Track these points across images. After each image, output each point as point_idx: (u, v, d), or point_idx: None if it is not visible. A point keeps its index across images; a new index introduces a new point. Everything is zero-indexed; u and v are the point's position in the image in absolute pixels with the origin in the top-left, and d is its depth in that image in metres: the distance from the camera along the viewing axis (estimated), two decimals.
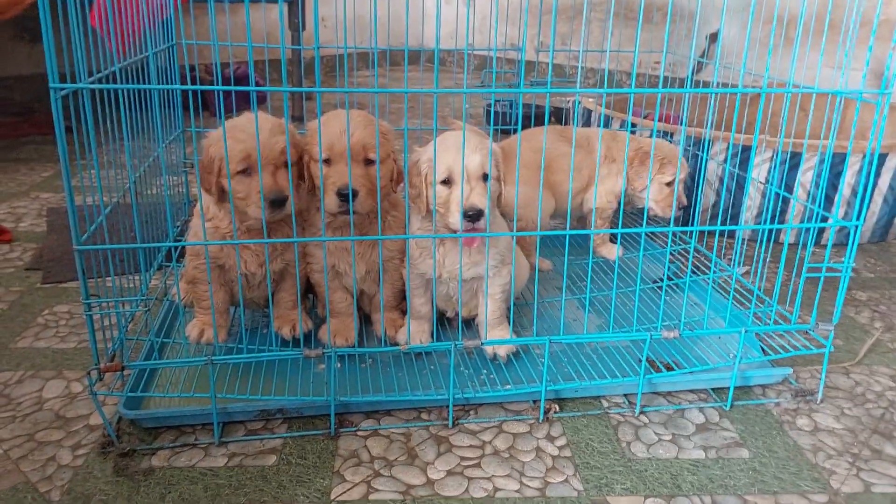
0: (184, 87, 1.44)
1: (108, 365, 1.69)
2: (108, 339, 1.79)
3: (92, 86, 1.42)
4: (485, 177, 1.86)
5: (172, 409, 1.84)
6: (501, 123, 4.62)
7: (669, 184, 2.74)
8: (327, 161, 1.87)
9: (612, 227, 2.86)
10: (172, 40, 2.36)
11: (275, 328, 2.08)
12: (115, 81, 1.78)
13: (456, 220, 1.84)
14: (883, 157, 3.07)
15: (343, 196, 1.80)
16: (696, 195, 3.28)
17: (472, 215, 1.80)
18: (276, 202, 1.78)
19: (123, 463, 1.70)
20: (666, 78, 4.54)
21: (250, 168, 1.79)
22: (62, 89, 1.40)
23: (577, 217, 3.05)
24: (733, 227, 1.85)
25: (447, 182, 1.87)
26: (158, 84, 2.22)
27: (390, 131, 1.99)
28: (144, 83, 2.15)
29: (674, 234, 3.01)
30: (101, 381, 1.74)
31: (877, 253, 3.21)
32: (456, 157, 1.84)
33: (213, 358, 1.73)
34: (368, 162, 1.89)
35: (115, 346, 1.78)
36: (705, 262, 2.80)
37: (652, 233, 3.13)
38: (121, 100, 1.65)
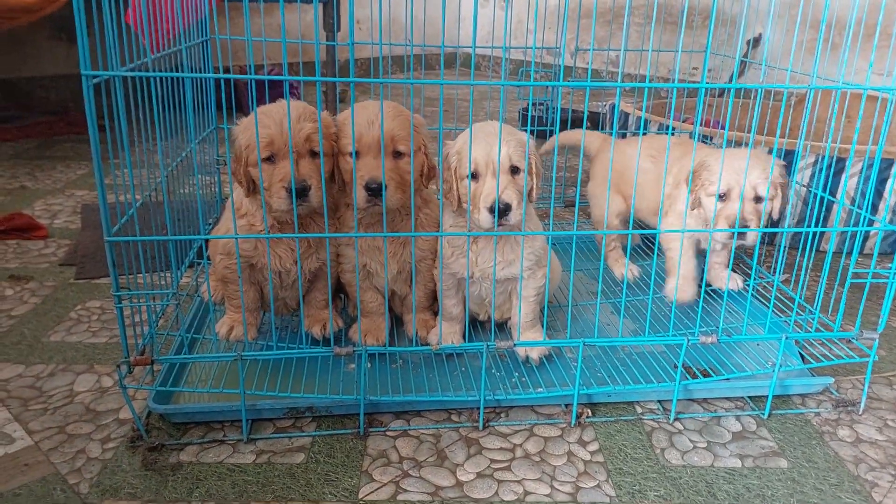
0: (216, 75, 1.43)
1: (138, 358, 1.69)
2: (139, 334, 1.79)
3: (124, 73, 1.42)
4: (514, 170, 1.82)
5: (202, 405, 1.83)
6: (537, 126, 4.58)
7: (722, 197, 2.17)
8: (356, 154, 1.83)
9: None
10: (207, 35, 2.36)
11: (305, 327, 2.06)
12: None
13: (482, 215, 1.79)
14: None
15: (371, 190, 1.75)
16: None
17: (500, 210, 1.76)
18: (298, 192, 1.71)
19: (152, 457, 1.70)
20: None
21: (274, 155, 1.74)
22: (95, 77, 1.40)
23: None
24: (774, 230, 1.79)
25: (476, 176, 1.82)
26: (190, 81, 2.22)
27: (422, 124, 1.93)
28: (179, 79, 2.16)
29: None
30: (130, 375, 1.75)
31: None
32: (482, 149, 1.78)
33: (243, 354, 1.73)
34: (398, 154, 1.84)
35: (145, 341, 1.78)
36: (746, 269, 2.73)
37: None
38: (153, 92, 1.64)
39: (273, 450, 1.74)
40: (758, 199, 2.11)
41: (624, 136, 3.88)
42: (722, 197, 2.12)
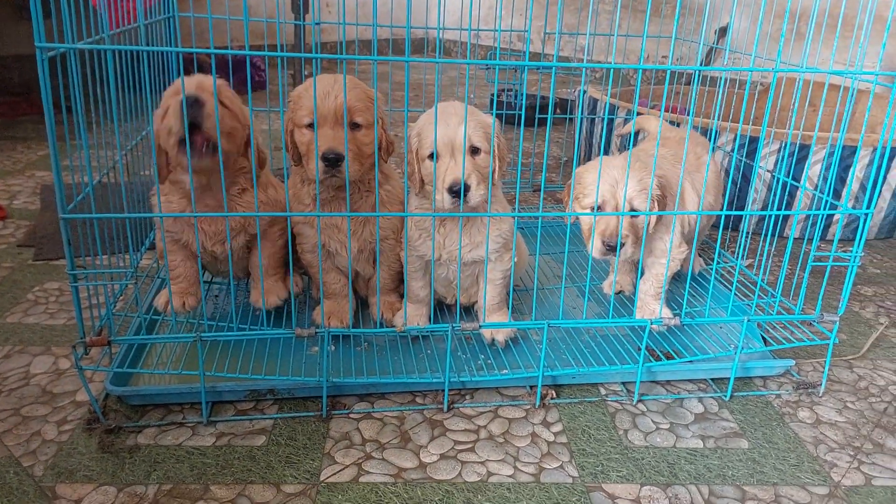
0: (176, 49, 1.39)
1: (93, 339, 1.65)
2: (97, 316, 1.75)
3: (80, 46, 1.37)
4: (475, 150, 1.80)
5: (160, 387, 1.80)
6: (506, 111, 4.57)
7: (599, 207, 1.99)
8: (311, 126, 1.78)
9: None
10: (171, 12, 2.31)
11: (251, 300, 2.03)
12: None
13: (443, 196, 1.77)
14: (893, 152, 3.02)
15: (329, 161, 1.71)
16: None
17: (457, 190, 1.74)
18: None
19: (109, 440, 1.66)
20: (673, 72, 4.50)
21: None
22: (50, 50, 1.36)
23: None
24: (739, 213, 1.80)
25: (436, 157, 1.80)
26: (152, 59, 2.17)
27: (379, 98, 1.90)
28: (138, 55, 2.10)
29: None
30: (87, 357, 1.71)
31: (883, 249, 3.16)
32: (442, 129, 1.76)
33: (203, 335, 1.69)
34: (355, 126, 1.81)
35: (102, 322, 1.74)
36: (710, 253, 2.76)
37: None
38: (109, 69, 1.59)
39: (234, 432, 1.72)
40: (636, 213, 1.94)
41: (592, 121, 3.89)
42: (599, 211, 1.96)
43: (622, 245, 1.91)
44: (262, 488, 1.54)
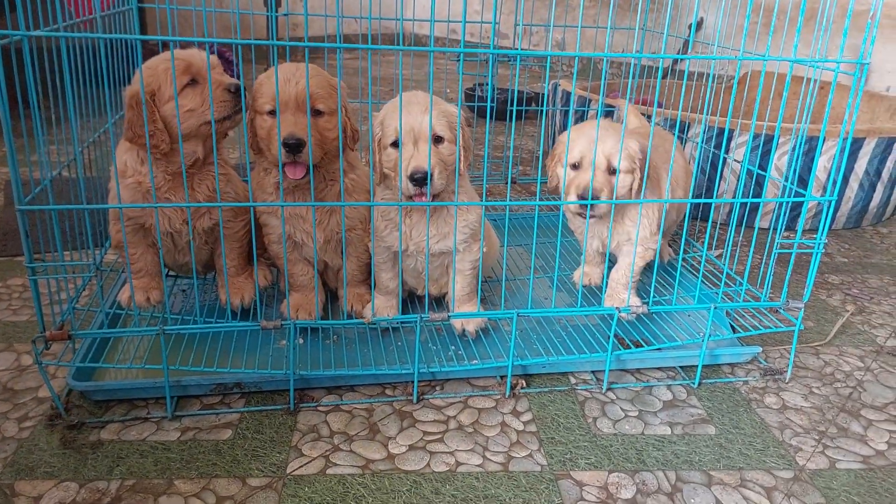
0: (133, 36, 1.36)
1: (54, 333, 1.62)
2: (58, 311, 1.72)
3: (33, 33, 1.34)
4: (437, 139, 1.80)
5: (124, 382, 1.77)
6: (478, 104, 4.56)
7: (575, 167, 2.06)
8: (272, 113, 1.76)
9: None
10: (132, 3, 2.27)
11: (223, 300, 2.01)
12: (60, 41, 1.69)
13: (404, 184, 1.76)
14: (860, 143, 3.06)
15: (289, 146, 1.70)
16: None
17: (419, 178, 1.73)
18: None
19: (71, 435, 1.64)
20: (644, 66, 4.52)
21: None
22: (3, 38, 1.33)
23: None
24: (708, 201, 1.81)
25: (398, 145, 1.79)
26: (110, 50, 2.13)
27: (343, 88, 1.88)
28: (96, 48, 2.06)
29: None
30: (49, 352, 1.68)
31: (851, 238, 3.20)
32: (405, 118, 1.75)
33: (166, 329, 1.67)
34: (317, 113, 1.80)
35: (63, 316, 1.71)
36: (679, 244, 2.77)
37: None
38: (64, 59, 1.56)
39: (199, 426, 1.70)
40: (611, 172, 2.00)
41: (566, 113, 3.89)
42: (575, 167, 2.03)
43: (597, 199, 1.93)
44: (227, 482, 1.52)
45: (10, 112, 1.40)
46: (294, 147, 1.68)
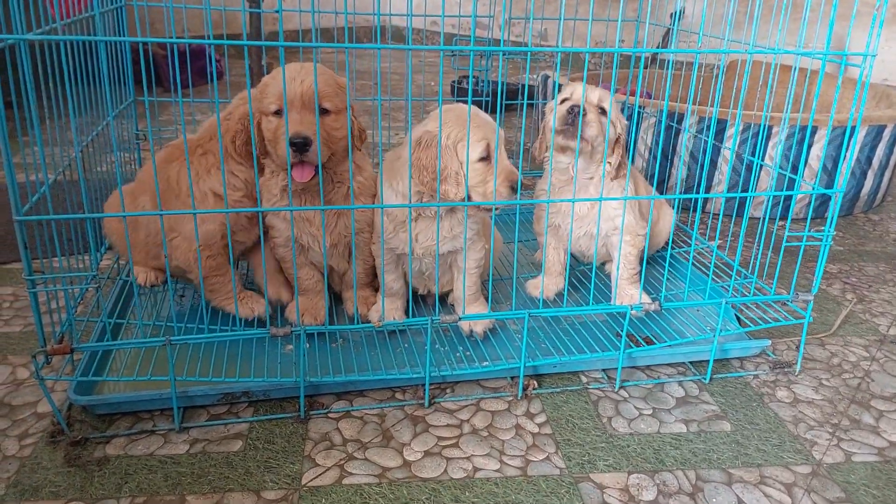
0: (133, 38, 1.31)
1: (55, 347, 1.56)
2: (56, 321, 1.66)
3: (30, 36, 1.28)
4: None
5: (128, 394, 1.72)
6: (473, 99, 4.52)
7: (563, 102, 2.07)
8: (278, 113, 1.72)
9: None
10: (121, 1, 2.20)
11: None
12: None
13: (502, 190, 1.75)
14: (852, 132, 3.07)
15: (296, 145, 1.65)
16: (668, 168, 3.25)
17: (298, 143, 1.66)
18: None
19: (75, 452, 1.58)
20: (628, 57, 4.51)
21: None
22: None
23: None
24: (712, 196, 1.79)
25: (487, 158, 1.78)
26: (106, 49, 2.06)
27: (346, 85, 1.84)
28: (92, 47, 2.00)
29: None
30: (48, 366, 1.62)
31: (844, 226, 3.21)
32: (482, 132, 1.78)
33: (172, 339, 1.62)
34: (324, 112, 1.75)
35: (63, 328, 1.65)
36: (683, 237, 2.76)
37: None
38: (63, 62, 1.50)
39: (208, 438, 1.65)
40: (602, 112, 2.04)
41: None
42: (564, 101, 2.04)
43: (587, 124, 1.95)
44: (241, 496, 1.48)
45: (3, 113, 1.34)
46: (301, 146, 1.63)
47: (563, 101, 2.05)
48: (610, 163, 2.04)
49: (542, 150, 2.17)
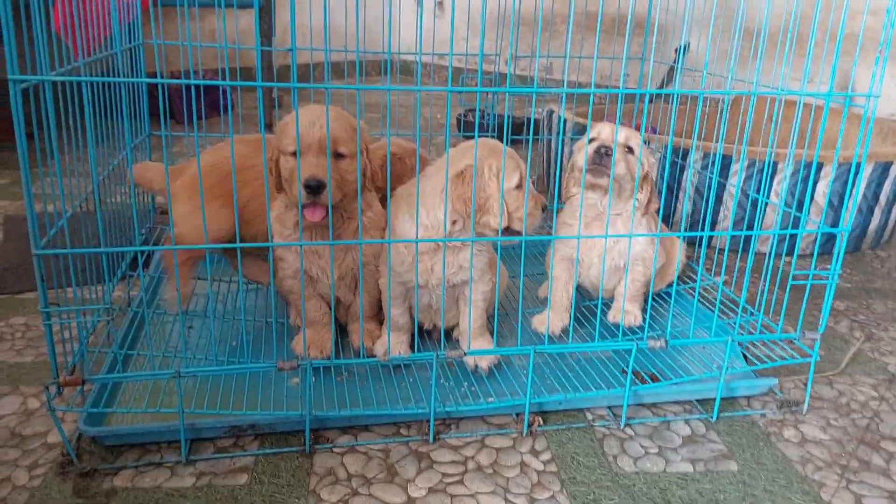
0: (151, 80, 1.35)
1: (67, 378, 1.58)
2: (68, 351, 1.68)
3: (55, 77, 1.32)
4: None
5: (136, 426, 1.73)
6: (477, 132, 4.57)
7: (592, 141, 2.17)
8: (299, 155, 1.76)
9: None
10: (137, 40, 2.26)
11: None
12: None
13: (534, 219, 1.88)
14: (856, 170, 3.08)
15: (310, 188, 1.70)
16: (673, 203, 3.26)
17: (312, 186, 1.71)
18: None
19: (84, 483, 1.59)
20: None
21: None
22: (23, 81, 1.31)
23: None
24: (719, 234, 1.81)
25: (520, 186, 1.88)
26: (124, 86, 2.12)
27: (365, 129, 1.89)
28: (112, 84, 2.05)
29: None
30: (59, 396, 1.64)
31: (852, 263, 3.21)
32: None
33: (181, 371, 1.64)
34: (339, 156, 1.80)
35: (75, 359, 1.67)
36: (689, 273, 2.77)
37: None
38: (85, 99, 1.55)
39: (214, 471, 1.66)
40: (630, 151, 2.14)
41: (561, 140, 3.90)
42: (592, 141, 2.14)
43: (615, 163, 2.03)
44: None
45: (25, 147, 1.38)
46: (315, 189, 1.68)
47: (591, 141, 2.14)
48: (639, 199, 2.15)
49: (571, 187, 2.25)
